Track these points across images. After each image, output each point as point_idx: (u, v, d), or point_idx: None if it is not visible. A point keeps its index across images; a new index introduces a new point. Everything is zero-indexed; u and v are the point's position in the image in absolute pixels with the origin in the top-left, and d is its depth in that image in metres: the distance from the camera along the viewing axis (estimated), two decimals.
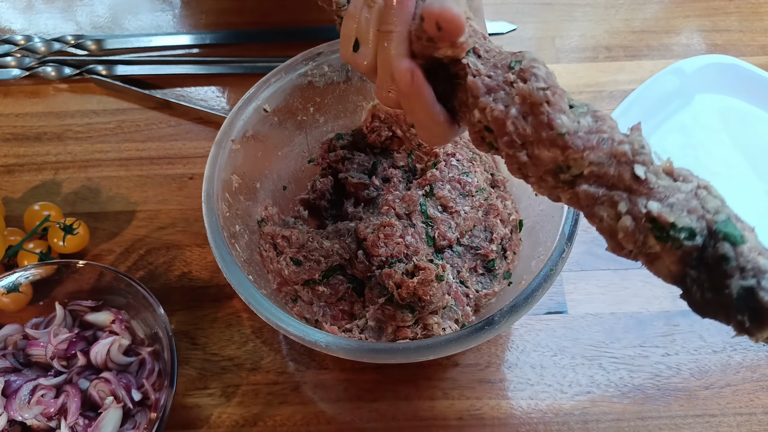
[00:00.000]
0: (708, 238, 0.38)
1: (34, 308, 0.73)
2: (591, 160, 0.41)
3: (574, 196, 0.43)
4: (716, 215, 0.39)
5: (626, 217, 0.40)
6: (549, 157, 0.43)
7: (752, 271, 0.36)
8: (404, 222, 0.69)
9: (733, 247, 0.37)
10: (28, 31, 1.06)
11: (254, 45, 1.03)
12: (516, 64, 0.45)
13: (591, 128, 0.42)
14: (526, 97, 0.43)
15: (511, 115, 0.44)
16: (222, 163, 0.67)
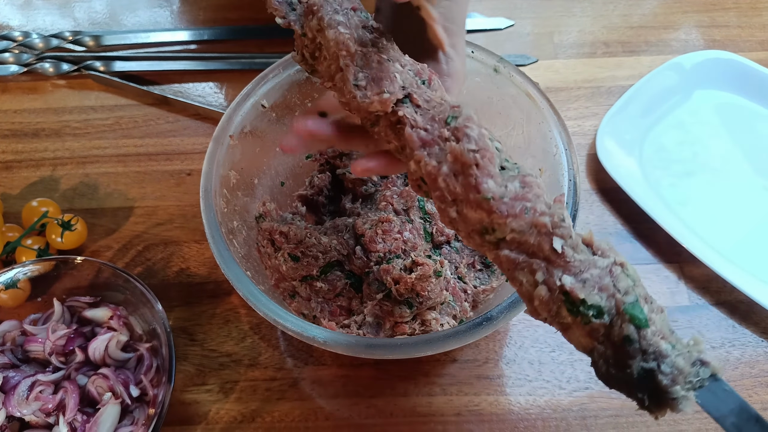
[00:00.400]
0: (615, 317, 0.40)
1: (32, 304, 0.73)
2: (513, 227, 0.42)
3: (497, 258, 0.44)
4: (625, 296, 0.40)
5: (542, 286, 0.41)
6: (475, 218, 0.44)
7: (653, 355, 0.38)
8: (402, 218, 0.69)
9: (637, 330, 0.39)
10: (26, 27, 1.06)
11: (252, 41, 1.03)
12: (452, 120, 0.46)
13: (517, 194, 0.43)
14: (457, 157, 0.44)
15: (442, 172, 0.45)
16: (220, 159, 0.67)
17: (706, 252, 0.77)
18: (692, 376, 0.38)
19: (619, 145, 0.88)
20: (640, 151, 0.88)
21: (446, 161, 0.45)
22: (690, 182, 0.86)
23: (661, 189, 0.85)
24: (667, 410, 0.39)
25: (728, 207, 0.84)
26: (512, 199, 0.42)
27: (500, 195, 0.43)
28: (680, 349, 0.39)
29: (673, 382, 0.38)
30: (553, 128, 0.66)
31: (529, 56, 0.99)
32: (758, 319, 0.77)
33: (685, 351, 0.39)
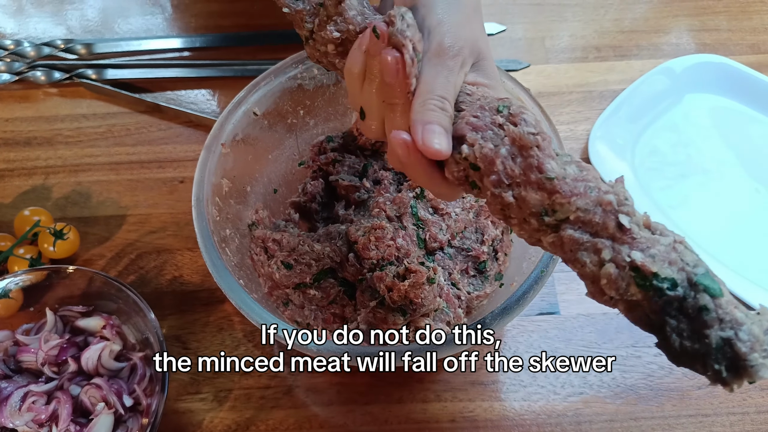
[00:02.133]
0: (688, 289, 0.40)
1: (24, 314, 0.73)
2: (578, 206, 0.42)
3: (558, 240, 0.44)
4: (695, 268, 0.40)
5: (610, 264, 0.41)
6: (536, 199, 0.44)
7: (730, 323, 0.38)
8: (395, 224, 0.69)
9: (712, 299, 0.39)
10: (18, 35, 1.05)
11: (244, 48, 1.03)
12: (504, 109, 0.46)
13: (577, 176, 0.43)
14: (516, 140, 0.44)
15: (500, 154, 0.45)
16: (212, 167, 0.67)
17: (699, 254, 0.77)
18: (767, 343, 0.38)
19: (612, 149, 0.88)
20: (632, 155, 0.89)
21: (504, 144, 0.45)
22: (682, 186, 0.87)
23: (654, 192, 0.85)
24: (744, 380, 0.38)
25: (720, 209, 0.85)
26: (573, 179, 0.43)
27: (562, 176, 0.43)
28: (753, 318, 0.39)
29: (752, 349, 0.38)
30: None
31: (521, 61, 1.00)
32: None
33: (757, 320, 0.39)
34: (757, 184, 0.87)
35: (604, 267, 0.42)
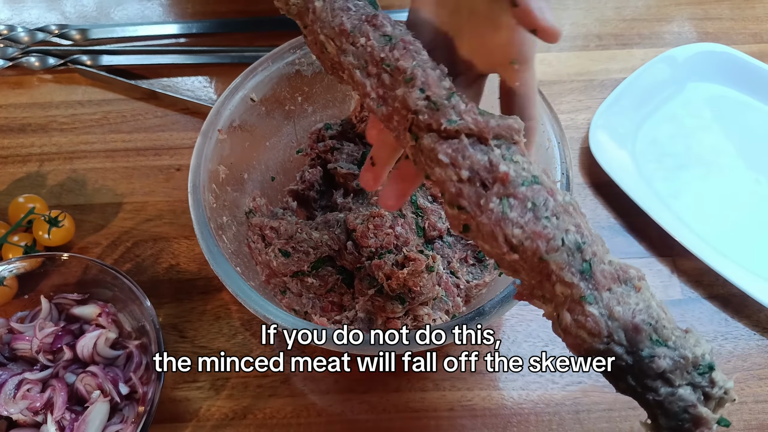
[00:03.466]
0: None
1: (19, 302, 0.72)
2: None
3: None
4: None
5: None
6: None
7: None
8: (394, 212, 0.69)
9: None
10: (11, 20, 1.04)
11: (241, 34, 1.02)
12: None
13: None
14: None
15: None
16: (208, 153, 0.66)
17: (699, 245, 0.77)
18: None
19: (612, 138, 0.87)
20: (633, 145, 0.88)
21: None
22: (683, 175, 0.86)
23: (654, 182, 0.85)
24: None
25: (721, 200, 0.84)
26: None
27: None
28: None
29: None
30: (546, 122, 0.65)
31: None
32: (750, 312, 0.76)
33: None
34: (757, 174, 0.86)
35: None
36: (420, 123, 0.44)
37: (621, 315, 0.40)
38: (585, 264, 0.41)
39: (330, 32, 0.48)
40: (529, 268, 0.42)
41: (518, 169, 0.43)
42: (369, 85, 0.47)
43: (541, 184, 0.43)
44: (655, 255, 0.81)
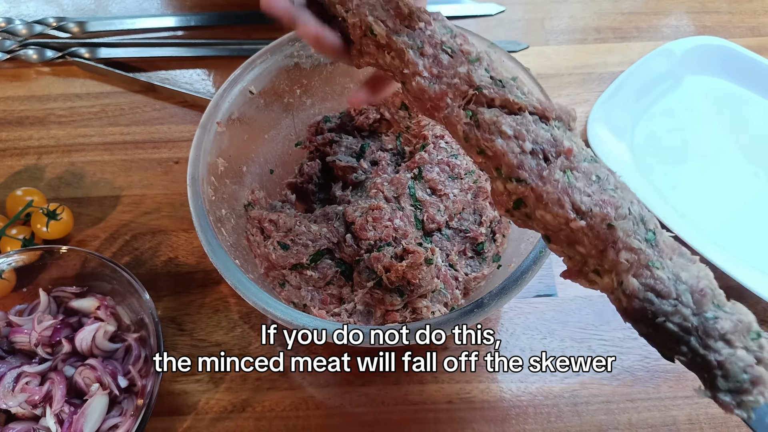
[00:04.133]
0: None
1: (17, 295, 0.72)
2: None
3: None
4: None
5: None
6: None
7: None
8: (393, 205, 0.69)
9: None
10: (8, 13, 1.04)
11: (240, 27, 1.02)
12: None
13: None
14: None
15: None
16: (207, 146, 0.66)
17: (697, 238, 0.77)
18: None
19: (611, 131, 0.87)
20: (631, 138, 0.88)
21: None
22: (681, 168, 0.86)
23: (653, 175, 0.85)
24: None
25: (719, 193, 0.84)
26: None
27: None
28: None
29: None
30: None
31: (520, 42, 0.99)
32: (748, 304, 0.75)
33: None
34: (755, 167, 0.86)
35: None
36: (482, 98, 0.47)
37: (687, 279, 0.42)
38: (650, 233, 0.43)
39: (381, 14, 0.51)
40: (593, 236, 0.43)
41: (579, 148, 0.46)
42: (422, 64, 0.50)
43: (599, 163, 0.46)
44: None
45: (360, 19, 0.52)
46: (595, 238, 0.43)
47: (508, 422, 0.70)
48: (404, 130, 0.78)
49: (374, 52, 0.53)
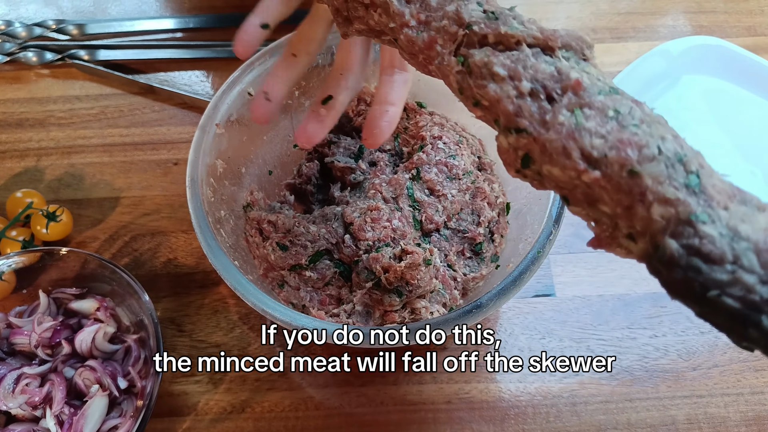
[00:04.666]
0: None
1: (17, 296, 0.73)
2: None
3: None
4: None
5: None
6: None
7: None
8: (391, 206, 0.69)
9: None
10: (8, 16, 1.04)
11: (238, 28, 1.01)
12: None
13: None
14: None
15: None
16: (206, 147, 0.66)
17: None
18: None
19: None
20: None
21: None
22: None
23: None
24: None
25: None
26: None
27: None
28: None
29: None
30: None
31: None
32: None
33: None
34: (752, 166, 0.87)
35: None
36: (473, 38, 0.40)
37: (750, 234, 0.31)
38: (691, 176, 0.33)
39: None
40: (614, 190, 0.34)
41: (592, 79, 0.37)
42: (408, 13, 0.42)
43: (620, 95, 0.36)
44: None
45: None
46: (616, 191, 0.34)
47: (506, 422, 0.70)
48: (402, 130, 0.78)
49: (363, 14, 0.46)
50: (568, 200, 0.37)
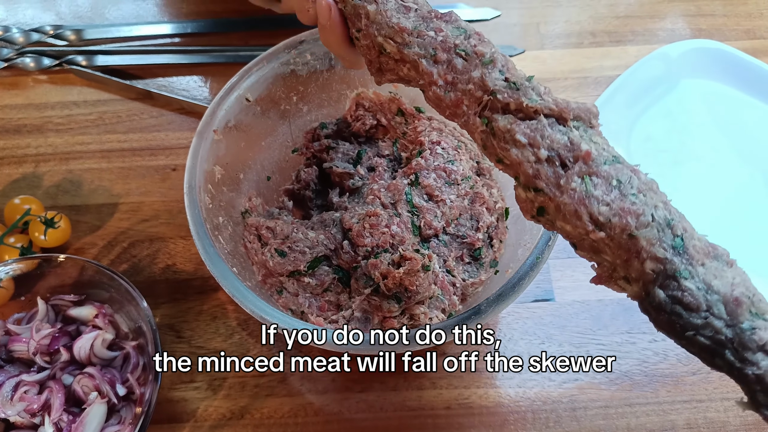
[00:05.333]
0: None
1: (15, 303, 0.72)
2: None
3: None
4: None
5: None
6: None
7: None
8: (390, 211, 0.69)
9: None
10: (6, 21, 1.04)
11: (236, 33, 1.02)
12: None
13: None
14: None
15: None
16: (204, 153, 0.66)
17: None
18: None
19: (607, 135, 0.86)
20: (627, 141, 0.88)
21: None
22: (677, 171, 0.86)
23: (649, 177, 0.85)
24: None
25: (715, 195, 0.84)
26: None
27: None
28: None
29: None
30: None
31: (516, 47, 0.99)
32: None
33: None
34: (751, 169, 0.87)
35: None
36: (496, 104, 0.46)
37: (720, 288, 0.40)
38: (677, 239, 0.41)
39: (389, 32, 0.50)
40: (615, 246, 0.41)
41: (599, 149, 0.43)
42: (436, 73, 0.48)
43: (622, 163, 0.43)
44: None
45: (371, 41, 0.51)
46: (617, 248, 0.41)
47: (506, 428, 0.70)
48: (401, 135, 0.78)
49: (393, 67, 0.52)
50: (576, 246, 0.45)
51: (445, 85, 0.48)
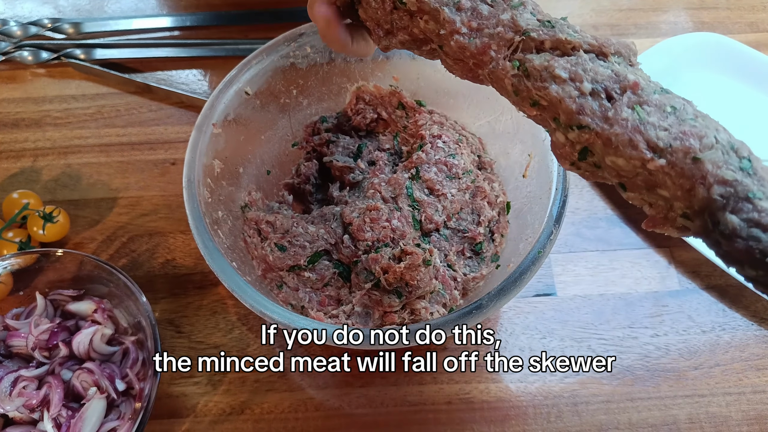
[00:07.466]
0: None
1: (14, 298, 0.72)
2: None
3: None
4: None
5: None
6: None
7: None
8: (390, 205, 0.68)
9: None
10: (3, 14, 1.03)
11: (235, 27, 1.01)
12: None
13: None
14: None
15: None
16: (203, 147, 0.65)
17: None
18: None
19: None
20: None
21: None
22: None
23: None
24: None
25: None
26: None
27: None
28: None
29: None
30: None
31: None
32: (748, 302, 0.76)
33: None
34: None
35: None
36: (529, 43, 0.44)
37: None
38: (744, 161, 0.38)
39: None
40: (677, 175, 0.38)
41: (646, 80, 0.42)
42: (459, 21, 0.46)
43: (671, 93, 0.41)
44: (652, 246, 0.80)
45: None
46: (679, 176, 0.38)
47: (507, 422, 0.70)
48: (401, 129, 0.77)
49: (408, 23, 0.50)
50: (625, 187, 0.42)
51: (470, 32, 0.46)
